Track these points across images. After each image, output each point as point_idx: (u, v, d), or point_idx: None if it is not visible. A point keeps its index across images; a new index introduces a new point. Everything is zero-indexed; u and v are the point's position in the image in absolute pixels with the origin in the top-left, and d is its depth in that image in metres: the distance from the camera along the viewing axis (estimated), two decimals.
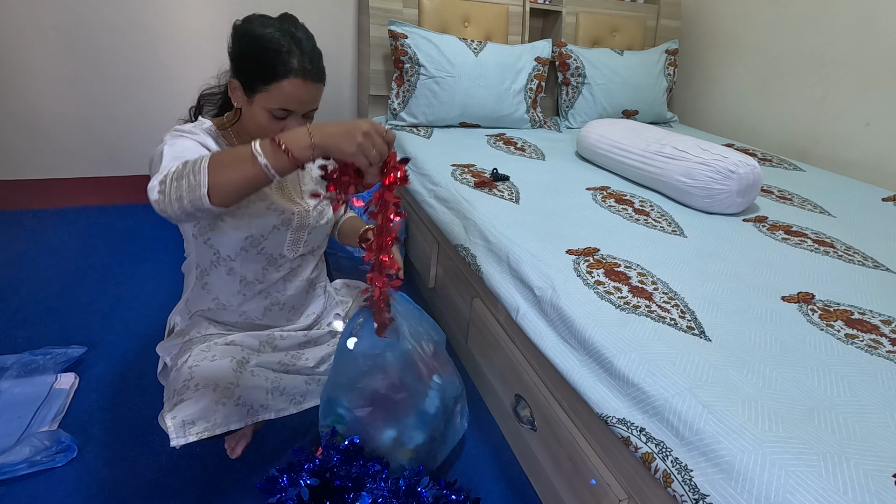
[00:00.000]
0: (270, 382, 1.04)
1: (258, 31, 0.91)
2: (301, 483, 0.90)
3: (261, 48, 0.89)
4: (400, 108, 2.09)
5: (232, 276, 1.06)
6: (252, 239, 1.02)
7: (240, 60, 0.94)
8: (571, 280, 1.04)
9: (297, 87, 0.91)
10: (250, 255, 1.05)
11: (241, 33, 0.93)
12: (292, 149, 0.75)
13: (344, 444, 0.97)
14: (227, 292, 1.08)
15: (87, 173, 2.27)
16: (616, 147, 1.69)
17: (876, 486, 0.61)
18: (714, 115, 2.61)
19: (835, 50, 2.05)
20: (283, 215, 1.05)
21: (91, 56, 2.06)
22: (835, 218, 1.46)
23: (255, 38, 0.90)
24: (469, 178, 1.58)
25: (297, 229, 1.09)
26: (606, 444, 0.88)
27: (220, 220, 0.99)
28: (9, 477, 1.05)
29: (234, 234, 1.01)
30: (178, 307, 1.13)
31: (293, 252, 1.10)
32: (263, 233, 1.03)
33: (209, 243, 1.02)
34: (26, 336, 1.45)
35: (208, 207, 0.75)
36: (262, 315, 1.12)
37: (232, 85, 0.97)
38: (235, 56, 0.95)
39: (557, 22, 2.44)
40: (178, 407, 0.90)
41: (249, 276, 1.07)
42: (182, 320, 1.12)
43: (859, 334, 0.91)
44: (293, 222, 1.07)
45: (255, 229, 1.02)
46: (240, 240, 1.01)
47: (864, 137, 1.97)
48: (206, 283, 1.07)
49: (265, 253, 1.06)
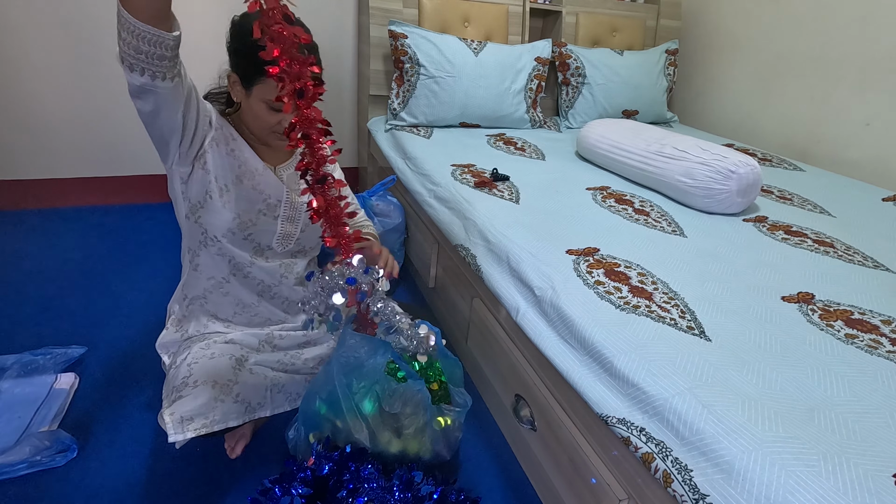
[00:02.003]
0: (269, 381, 1.04)
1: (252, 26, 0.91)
2: (294, 493, 0.90)
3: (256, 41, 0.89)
4: (400, 108, 2.09)
5: (221, 258, 1.07)
6: (240, 222, 1.04)
7: (237, 54, 0.95)
8: (571, 280, 1.04)
9: None
10: (237, 240, 1.06)
11: (239, 27, 0.95)
12: None
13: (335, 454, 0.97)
14: (218, 272, 1.09)
15: (87, 173, 2.27)
16: (616, 147, 1.69)
17: (876, 486, 0.61)
18: (714, 115, 2.61)
19: (835, 50, 2.05)
20: (269, 200, 1.06)
21: (91, 56, 2.07)
22: (835, 218, 1.46)
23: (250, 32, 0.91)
24: (469, 178, 1.58)
25: (286, 221, 1.09)
26: (606, 444, 0.88)
27: (208, 196, 1.00)
28: (9, 477, 1.05)
29: (222, 214, 1.02)
30: (175, 294, 1.16)
31: (282, 247, 1.11)
32: (250, 216, 1.05)
33: (199, 222, 1.04)
34: (26, 336, 1.45)
35: (132, 21, 0.73)
36: (257, 301, 1.13)
37: (231, 79, 0.98)
38: (233, 50, 0.96)
39: (557, 22, 2.44)
40: (177, 403, 0.90)
41: (237, 258, 1.08)
42: (180, 308, 1.13)
43: (859, 334, 0.91)
44: (279, 210, 1.08)
45: (241, 210, 1.03)
46: (228, 220, 1.03)
47: (864, 137, 1.97)
48: (198, 264, 1.08)
49: (252, 240, 1.07)
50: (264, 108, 0.96)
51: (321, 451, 0.96)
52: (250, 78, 0.94)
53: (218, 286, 1.10)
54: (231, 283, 1.10)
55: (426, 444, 1.01)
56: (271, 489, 0.92)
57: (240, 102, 1.01)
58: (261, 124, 0.99)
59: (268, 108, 0.96)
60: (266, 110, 0.96)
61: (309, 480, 0.92)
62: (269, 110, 0.96)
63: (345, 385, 0.98)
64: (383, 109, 2.25)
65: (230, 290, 1.10)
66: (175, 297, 1.16)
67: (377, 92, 2.22)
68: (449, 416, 1.02)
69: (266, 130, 1.01)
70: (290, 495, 0.90)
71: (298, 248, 1.14)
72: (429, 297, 1.77)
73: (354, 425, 0.98)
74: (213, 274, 1.09)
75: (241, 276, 1.10)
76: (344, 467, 0.96)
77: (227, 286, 1.10)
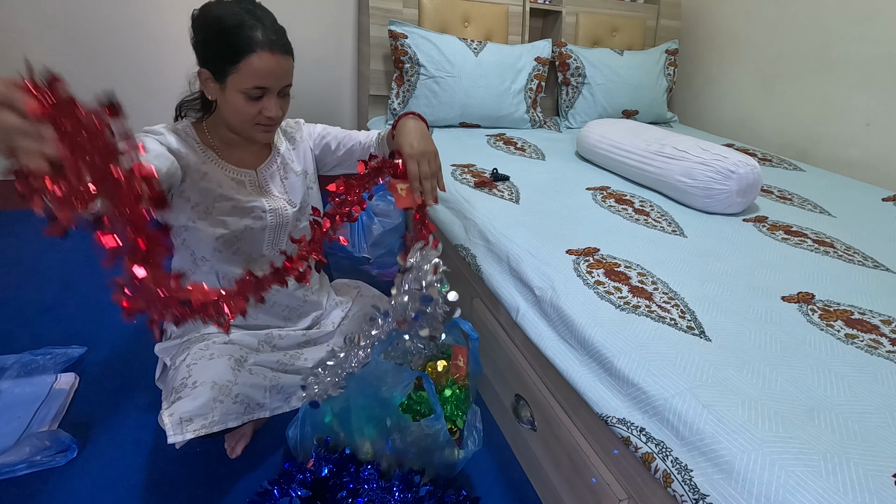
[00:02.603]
0: (269, 381, 1.04)
1: (217, 12, 0.89)
2: (292, 494, 0.90)
3: (222, 27, 0.87)
4: (400, 108, 2.09)
5: (214, 276, 1.05)
6: (224, 239, 1.01)
7: (204, 46, 0.91)
8: (571, 280, 1.04)
9: (267, 61, 0.89)
10: (226, 256, 1.03)
11: (201, 19, 0.90)
12: None
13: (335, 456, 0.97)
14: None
15: None
16: (616, 147, 1.69)
17: (876, 486, 0.61)
18: (714, 115, 2.61)
19: (835, 50, 2.05)
20: (253, 213, 1.03)
21: (90, 56, 2.07)
22: (835, 218, 1.46)
23: (214, 20, 0.88)
24: (469, 178, 1.58)
25: (275, 228, 1.08)
26: (606, 444, 0.88)
27: (190, 222, 0.98)
28: (9, 477, 1.05)
29: (207, 232, 0.99)
30: None
31: (272, 251, 1.10)
32: (236, 233, 1.02)
33: (185, 244, 1.02)
34: (26, 336, 1.45)
35: None
36: (254, 314, 1.12)
37: (202, 76, 0.94)
38: (199, 43, 0.92)
39: (557, 22, 2.44)
40: (176, 404, 0.90)
41: (230, 274, 1.06)
42: None
43: (859, 334, 0.91)
44: (266, 220, 1.05)
45: (225, 229, 1.00)
46: (211, 240, 1.00)
47: (864, 137, 1.97)
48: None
49: (242, 253, 1.05)
50: (242, 99, 0.91)
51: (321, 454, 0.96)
52: (222, 70, 0.89)
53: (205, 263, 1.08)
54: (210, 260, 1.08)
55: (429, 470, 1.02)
56: (270, 490, 0.92)
57: (216, 101, 0.97)
58: (242, 117, 0.94)
59: (246, 98, 0.91)
60: (245, 101, 0.92)
61: (308, 482, 0.92)
62: (247, 101, 0.92)
63: (360, 407, 0.97)
64: (383, 109, 2.25)
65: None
66: None
67: (377, 92, 2.22)
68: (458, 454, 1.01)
69: (248, 123, 0.96)
70: (288, 496, 0.90)
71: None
72: None
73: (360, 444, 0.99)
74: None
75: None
76: (343, 468, 0.96)
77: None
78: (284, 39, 0.93)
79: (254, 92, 0.91)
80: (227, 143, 1.03)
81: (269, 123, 0.97)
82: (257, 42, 0.87)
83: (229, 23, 0.87)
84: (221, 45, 0.88)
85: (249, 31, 0.87)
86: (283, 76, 0.93)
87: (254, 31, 0.87)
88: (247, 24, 0.87)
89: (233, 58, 0.88)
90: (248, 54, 0.87)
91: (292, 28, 0.97)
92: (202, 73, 0.93)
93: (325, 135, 1.18)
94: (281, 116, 0.98)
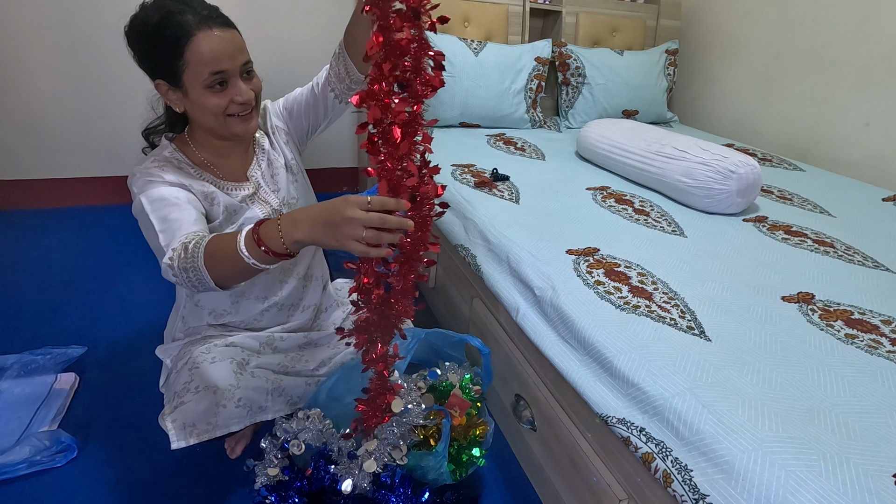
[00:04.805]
0: (270, 384, 1.03)
1: (142, 16, 0.85)
2: (290, 502, 0.90)
3: (154, 27, 0.83)
4: None
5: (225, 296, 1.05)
6: None
7: (147, 54, 0.87)
8: (571, 280, 1.04)
9: (210, 39, 0.84)
10: None
11: (131, 30, 0.86)
12: (272, 247, 0.73)
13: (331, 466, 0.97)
14: (221, 305, 1.07)
15: (87, 173, 2.27)
16: (616, 147, 1.69)
17: (876, 486, 0.61)
18: (714, 115, 2.61)
19: (835, 50, 2.05)
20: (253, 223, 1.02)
21: (91, 56, 2.07)
22: (835, 218, 1.46)
23: (142, 24, 0.85)
24: (469, 178, 1.58)
25: None
26: (606, 444, 0.88)
27: None
28: (9, 477, 1.05)
29: None
30: (174, 324, 1.11)
31: None
32: None
33: None
34: (26, 336, 1.45)
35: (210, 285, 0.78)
36: (259, 316, 1.12)
37: (161, 89, 0.89)
38: (141, 55, 0.87)
39: (557, 22, 2.44)
40: (179, 410, 0.90)
41: (241, 290, 1.06)
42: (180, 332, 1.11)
43: (859, 334, 0.91)
44: None
45: None
46: None
47: (864, 137, 1.97)
48: (198, 300, 1.07)
49: None
50: (207, 93, 0.86)
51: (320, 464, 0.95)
52: (173, 70, 0.84)
53: (219, 317, 1.08)
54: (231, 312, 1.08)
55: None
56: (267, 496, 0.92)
57: (185, 111, 0.92)
58: (213, 113, 0.89)
59: (210, 92, 0.86)
60: (210, 95, 0.86)
61: (306, 491, 0.92)
62: (213, 94, 0.86)
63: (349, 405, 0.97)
64: None
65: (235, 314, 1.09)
66: (175, 327, 1.11)
67: None
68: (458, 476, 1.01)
69: (221, 117, 0.90)
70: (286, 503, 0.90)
71: None
72: (429, 297, 1.77)
73: None
74: (213, 307, 1.07)
75: (245, 299, 1.08)
76: None
77: (227, 316, 1.08)
78: (220, 14, 0.87)
79: (214, 80, 0.85)
80: (217, 154, 0.99)
81: (243, 111, 0.92)
82: (192, 24, 0.83)
83: (156, 18, 0.83)
84: (159, 44, 0.83)
85: (179, 17, 0.82)
86: (235, 53, 0.87)
87: (183, 16, 0.83)
88: (174, 11, 0.83)
89: (175, 51, 0.83)
90: (187, 40, 0.82)
91: (291, 29, 0.95)
92: (160, 86, 0.89)
93: (288, 107, 1.11)
94: (252, 99, 0.92)
